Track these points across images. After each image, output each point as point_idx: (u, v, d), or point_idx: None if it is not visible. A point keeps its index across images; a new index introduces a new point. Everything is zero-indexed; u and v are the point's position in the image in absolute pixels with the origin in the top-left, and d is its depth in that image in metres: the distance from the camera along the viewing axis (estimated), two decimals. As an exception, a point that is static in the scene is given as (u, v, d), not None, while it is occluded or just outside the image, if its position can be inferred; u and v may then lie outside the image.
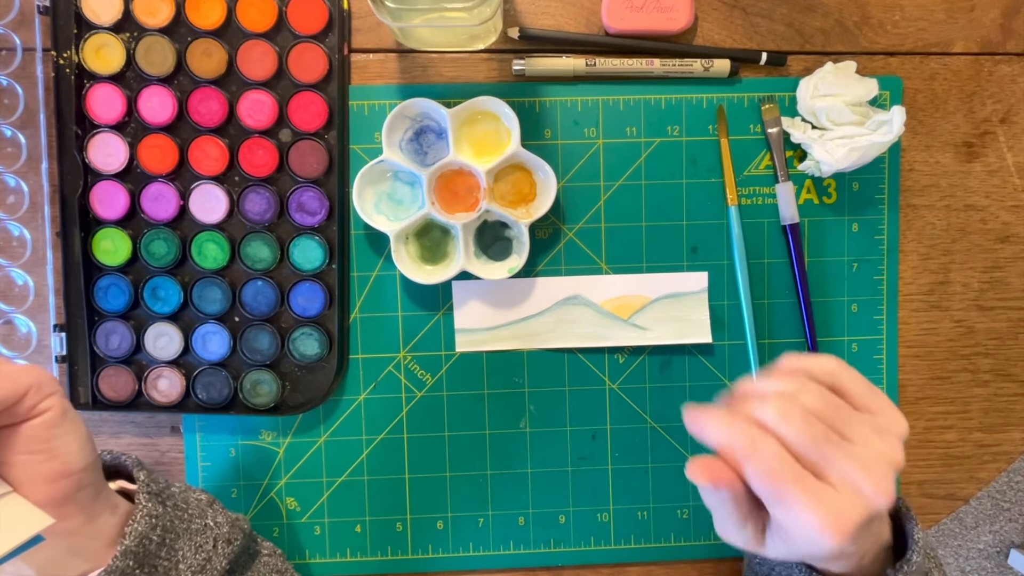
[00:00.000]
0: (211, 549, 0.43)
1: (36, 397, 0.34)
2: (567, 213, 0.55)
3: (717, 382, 0.56)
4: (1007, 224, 0.57)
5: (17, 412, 0.34)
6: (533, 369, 0.55)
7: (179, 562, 0.41)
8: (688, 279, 0.55)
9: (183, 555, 0.41)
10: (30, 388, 0.34)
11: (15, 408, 0.34)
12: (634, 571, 0.57)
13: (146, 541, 0.39)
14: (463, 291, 0.55)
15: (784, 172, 0.54)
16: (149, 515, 0.40)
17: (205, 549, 0.42)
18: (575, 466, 0.56)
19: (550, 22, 0.54)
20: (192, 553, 0.42)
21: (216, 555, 0.43)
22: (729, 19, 0.54)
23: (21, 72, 0.52)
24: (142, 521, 0.40)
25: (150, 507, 0.40)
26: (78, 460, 0.36)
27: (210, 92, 0.52)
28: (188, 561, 0.41)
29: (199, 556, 0.42)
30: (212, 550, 0.43)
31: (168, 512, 0.42)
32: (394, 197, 0.53)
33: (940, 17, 0.55)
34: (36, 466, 0.35)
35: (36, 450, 0.35)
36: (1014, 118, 0.56)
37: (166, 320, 0.53)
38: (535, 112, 0.54)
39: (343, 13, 0.52)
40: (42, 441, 0.35)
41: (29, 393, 0.34)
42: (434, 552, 0.56)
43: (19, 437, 0.34)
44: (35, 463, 0.35)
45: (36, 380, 0.34)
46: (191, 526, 0.43)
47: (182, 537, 0.42)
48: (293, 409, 0.54)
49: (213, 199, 0.52)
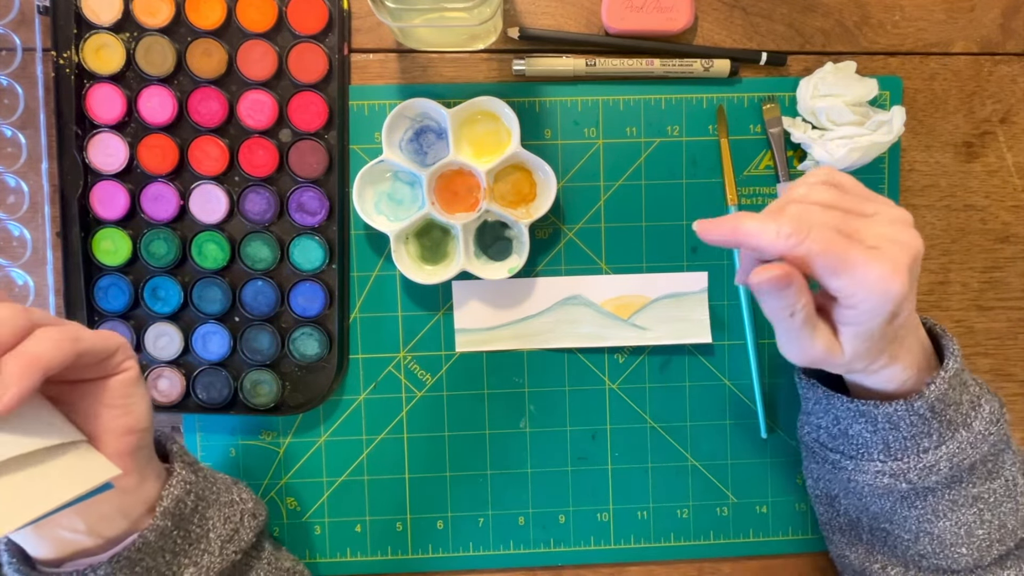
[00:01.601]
0: (239, 521, 0.45)
1: (123, 355, 0.38)
2: (567, 213, 0.55)
3: (717, 382, 0.56)
4: (1007, 224, 0.57)
5: (109, 365, 0.38)
6: (533, 369, 0.55)
7: (210, 530, 0.43)
8: (688, 279, 0.55)
9: (213, 524, 0.43)
10: (120, 346, 0.38)
11: (108, 361, 0.38)
12: (634, 571, 0.57)
13: (181, 505, 0.42)
14: (463, 291, 0.55)
15: (785, 172, 0.54)
16: (184, 480, 0.42)
17: (233, 520, 0.45)
18: (575, 466, 0.56)
19: (550, 22, 0.54)
20: (222, 523, 0.44)
21: (243, 527, 0.45)
22: (729, 19, 0.54)
23: (21, 72, 0.52)
24: (178, 486, 0.42)
25: (184, 474, 0.43)
26: (145, 419, 0.40)
27: (210, 92, 0.52)
28: (218, 530, 0.44)
29: (228, 527, 0.44)
30: (239, 522, 0.45)
31: (200, 481, 0.44)
32: (394, 197, 0.53)
33: (940, 17, 0.55)
34: (115, 419, 0.38)
35: (116, 404, 0.38)
36: (1014, 118, 0.56)
37: (166, 320, 0.53)
38: (535, 112, 0.54)
39: (343, 13, 0.52)
40: (122, 396, 0.38)
41: (120, 350, 0.38)
42: (434, 552, 0.56)
43: (105, 390, 0.38)
44: (113, 416, 0.38)
45: (123, 341, 0.39)
46: (220, 498, 0.45)
47: (212, 507, 0.44)
48: (293, 409, 0.54)
49: (213, 199, 0.52)
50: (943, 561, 0.46)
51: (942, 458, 0.43)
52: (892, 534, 0.47)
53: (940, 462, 0.43)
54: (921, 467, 0.43)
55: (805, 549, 0.57)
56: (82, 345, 0.35)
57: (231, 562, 0.43)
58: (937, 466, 0.43)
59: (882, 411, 0.43)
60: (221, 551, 0.43)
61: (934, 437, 0.43)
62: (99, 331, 0.38)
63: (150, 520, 0.40)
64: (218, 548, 0.43)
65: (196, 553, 0.42)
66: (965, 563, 0.45)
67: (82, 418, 0.38)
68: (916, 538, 0.46)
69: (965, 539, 0.45)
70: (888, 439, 0.44)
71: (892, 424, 0.43)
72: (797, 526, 0.57)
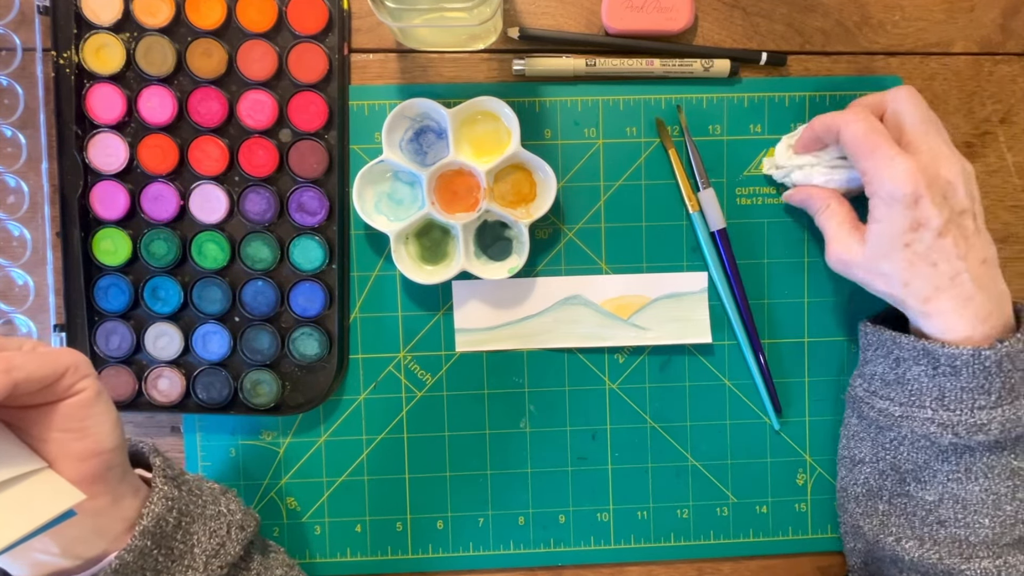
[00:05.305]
0: (225, 535, 0.44)
1: (74, 377, 0.36)
2: (567, 213, 0.55)
3: (717, 382, 0.56)
4: (1007, 224, 0.57)
5: (56, 391, 0.36)
6: (533, 369, 0.55)
7: (194, 546, 0.42)
8: (688, 279, 0.55)
9: (198, 539, 0.42)
10: (68, 368, 0.36)
11: (54, 386, 0.36)
12: (634, 571, 0.57)
13: (163, 522, 0.40)
14: (463, 291, 0.55)
15: (704, 180, 0.54)
16: (165, 497, 0.41)
17: (219, 534, 0.43)
18: (575, 466, 0.56)
19: (550, 22, 0.54)
20: (207, 538, 0.43)
21: (230, 541, 0.44)
22: (729, 19, 0.54)
23: (21, 72, 0.52)
24: (159, 503, 0.40)
25: (166, 490, 0.41)
26: (109, 440, 0.38)
27: (210, 92, 0.52)
28: (203, 545, 0.42)
29: (213, 541, 0.43)
30: (226, 535, 0.44)
31: (184, 496, 0.43)
32: (394, 197, 0.53)
33: (940, 17, 0.55)
34: (70, 444, 0.37)
35: (71, 428, 0.37)
36: (1014, 118, 0.56)
37: (166, 320, 0.53)
38: (535, 112, 0.54)
39: (343, 13, 0.52)
40: (77, 420, 0.37)
41: (67, 373, 0.36)
42: (434, 552, 0.56)
43: (56, 415, 0.36)
44: (69, 441, 0.36)
45: (74, 361, 0.37)
46: (205, 511, 0.44)
47: (197, 521, 0.43)
48: (293, 409, 0.54)
49: (213, 199, 0.52)
50: (961, 530, 0.45)
51: (994, 419, 0.44)
52: (913, 498, 0.48)
53: (992, 423, 0.44)
54: (971, 423, 0.44)
55: (805, 549, 0.57)
56: (16, 375, 0.33)
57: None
58: (988, 426, 0.44)
59: (946, 352, 0.44)
60: (206, 567, 0.42)
61: (992, 397, 0.44)
62: (44, 353, 0.35)
63: (129, 539, 0.39)
64: (203, 564, 0.42)
65: (179, 570, 0.41)
66: (984, 536, 0.45)
67: (37, 444, 0.36)
68: (939, 501, 0.46)
69: (991, 510, 0.45)
70: (944, 387, 0.45)
71: (954, 369, 0.44)
72: (797, 526, 0.57)
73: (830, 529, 0.57)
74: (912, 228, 0.44)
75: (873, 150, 0.44)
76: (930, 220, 0.44)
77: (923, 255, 0.44)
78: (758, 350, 0.55)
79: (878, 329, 0.49)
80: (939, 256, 0.44)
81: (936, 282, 0.44)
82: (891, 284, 0.46)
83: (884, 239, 0.45)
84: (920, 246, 0.44)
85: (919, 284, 0.45)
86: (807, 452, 0.56)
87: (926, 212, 0.43)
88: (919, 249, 0.44)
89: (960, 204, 0.44)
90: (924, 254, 0.44)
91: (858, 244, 0.47)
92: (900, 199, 0.43)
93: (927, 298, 0.45)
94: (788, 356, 0.56)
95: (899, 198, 0.43)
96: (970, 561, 0.45)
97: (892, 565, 0.49)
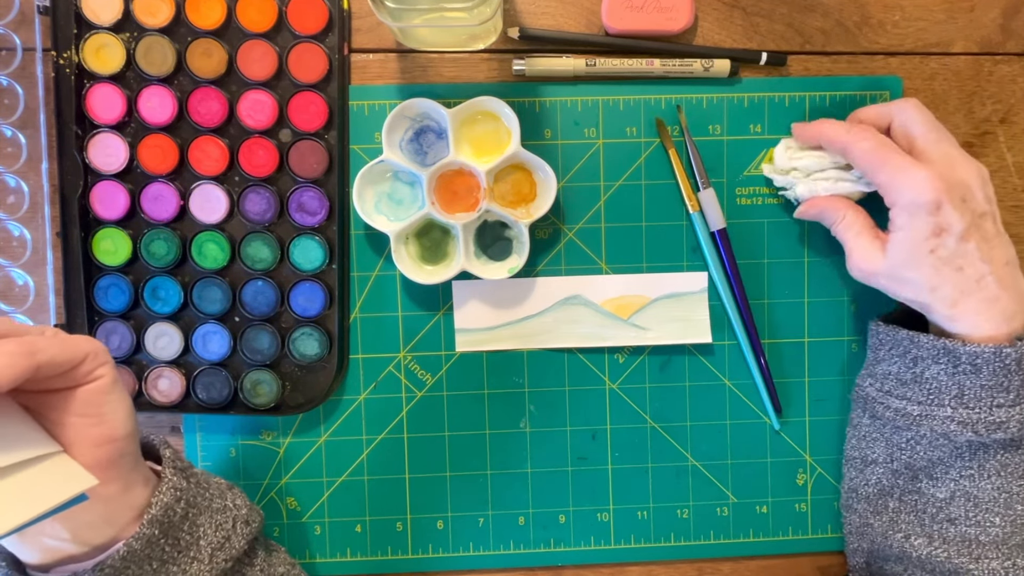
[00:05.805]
0: (230, 528, 0.44)
1: (92, 364, 0.37)
2: (567, 213, 0.55)
3: (717, 382, 0.56)
4: (1007, 224, 0.56)
5: (75, 376, 0.37)
6: (533, 369, 0.55)
7: (200, 538, 0.43)
8: (688, 279, 0.55)
9: (204, 531, 0.43)
10: (88, 355, 0.37)
11: (74, 372, 0.37)
12: (634, 571, 0.57)
13: (171, 512, 0.41)
14: (463, 291, 0.55)
15: (704, 179, 0.54)
16: (174, 488, 0.42)
17: (225, 528, 0.44)
18: (575, 466, 0.56)
19: (550, 22, 0.54)
20: (213, 531, 0.43)
21: (235, 535, 0.44)
22: (729, 19, 0.54)
23: (21, 72, 0.52)
24: (168, 492, 0.41)
25: (175, 480, 0.42)
26: (123, 427, 0.39)
27: (210, 92, 0.52)
28: (208, 538, 0.43)
29: (219, 534, 0.43)
30: (231, 529, 0.44)
31: (192, 488, 0.43)
32: (394, 197, 0.53)
33: (940, 17, 0.55)
34: (87, 429, 0.37)
35: (88, 413, 0.37)
36: (1014, 118, 0.56)
37: (166, 320, 0.53)
38: (535, 112, 0.54)
39: (343, 13, 0.52)
40: (94, 405, 0.37)
41: (87, 359, 0.37)
42: (434, 552, 0.56)
43: (74, 401, 0.37)
44: (86, 426, 0.37)
45: (93, 348, 0.37)
46: (212, 504, 0.44)
47: (204, 514, 0.43)
48: (293, 409, 0.54)
49: (213, 199, 0.52)
50: (972, 528, 0.46)
51: (1013, 417, 0.44)
52: (925, 495, 0.48)
53: (1011, 420, 0.44)
54: (991, 420, 0.44)
55: (805, 549, 0.57)
56: (39, 358, 0.34)
57: (221, 570, 0.43)
58: (1007, 424, 0.44)
59: (967, 350, 0.44)
60: (211, 559, 0.42)
61: (1011, 395, 0.44)
62: (66, 339, 0.36)
63: (137, 527, 0.40)
64: (208, 556, 0.42)
65: (185, 561, 0.42)
66: (994, 535, 0.45)
67: (54, 428, 0.37)
68: (951, 498, 0.47)
69: (1002, 508, 0.45)
70: (964, 385, 0.45)
71: (975, 367, 0.44)
72: (797, 526, 0.57)
73: (830, 529, 0.57)
74: (935, 234, 0.44)
75: (885, 162, 0.45)
76: (952, 225, 0.44)
77: (948, 260, 0.45)
78: (758, 350, 0.55)
79: (893, 328, 0.49)
80: (964, 260, 0.44)
81: (962, 286, 0.45)
82: (917, 290, 0.46)
83: (907, 247, 0.45)
84: (944, 251, 0.44)
85: (946, 289, 0.45)
86: (807, 452, 0.56)
87: (948, 217, 0.44)
88: (943, 254, 0.45)
89: (979, 207, 0.45)
90: (949, 259, 0.45)
91: (879, 253, 0.47)
92: (922, 206, 0.44)
93: (954, 302, 0.45)
94: (788, 356, 0.56)
95: (921, 205, 0.44)
96: (979, 561, 0.45)
97: (897, 563, 0.49)
